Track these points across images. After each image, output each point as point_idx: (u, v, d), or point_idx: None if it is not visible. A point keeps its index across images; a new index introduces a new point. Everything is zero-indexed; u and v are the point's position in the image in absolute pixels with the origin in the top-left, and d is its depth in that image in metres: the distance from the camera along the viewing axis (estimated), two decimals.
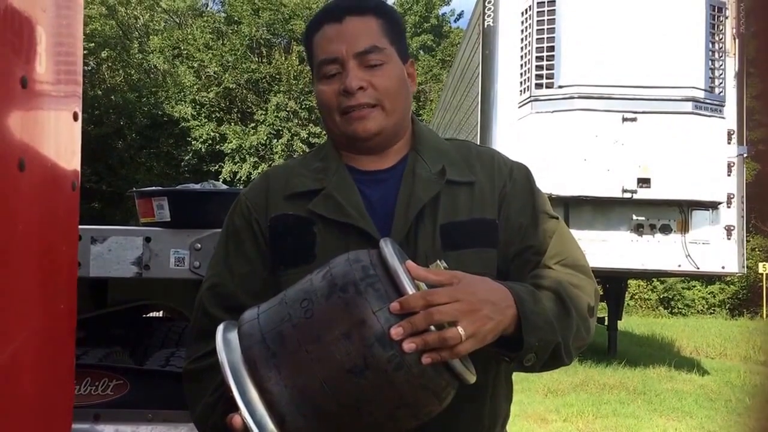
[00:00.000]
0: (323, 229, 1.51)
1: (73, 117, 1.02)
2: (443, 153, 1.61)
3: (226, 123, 26.90)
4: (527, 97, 9.16)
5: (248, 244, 1.58)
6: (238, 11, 27.34)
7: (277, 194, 1.58)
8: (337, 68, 1.54)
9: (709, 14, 8.99)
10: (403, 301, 1.20)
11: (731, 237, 9.13)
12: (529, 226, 1.56)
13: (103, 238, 2.26)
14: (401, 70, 1.59)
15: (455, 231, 1.52)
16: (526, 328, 1.31)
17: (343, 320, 1.21)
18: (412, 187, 1.53)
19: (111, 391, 2.28)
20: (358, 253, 1.30)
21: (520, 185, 1.60)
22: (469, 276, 1.30)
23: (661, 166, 8.75)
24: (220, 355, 1.24)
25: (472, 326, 1.23)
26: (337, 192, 1.53)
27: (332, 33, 1.55)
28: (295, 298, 1.28)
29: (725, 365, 11.81)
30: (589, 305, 1.49)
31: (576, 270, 1.52)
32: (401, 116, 1.59)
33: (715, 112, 8.98)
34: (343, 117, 1.54)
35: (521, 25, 9.40)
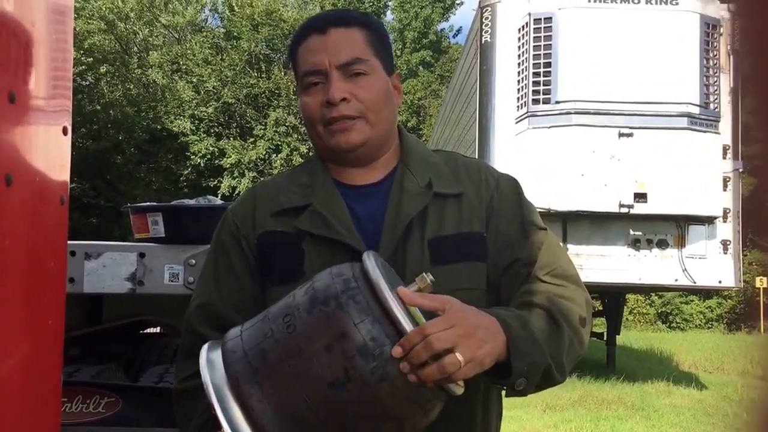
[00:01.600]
0: (311, 246, 1.50)
1: (63, 131, 1.02)
2: (431, 165, 1.59)
3: (225, 138, 26.94)
4: (524, 113, 9.19)
5: (237, 261, 1.56)
6: (237, 27, 27.45)
7: (264, 211, 1.57)
8: (320, 79, 1.53)
9: (703, 31, 9.04)
10: (404, 342, 1.19)
11: (728, 251, 9.13)
12: (518, 238, 1.55)
13: (97, 254, 2.25)
14: (386, 82, 1.58)
15: (443, 245, 1.50)
16: (515, 354, 1.30)
17: (325, 333, 1.20)
18: (400, 202, 1.52)
19: (103, 409, 2.26)
20: (341, 266, 1.29)
21: (508, 197, 1.60)
22: (458, 301, 1.29)
23: (657, 181, 8.76)
24: (203, 374, 1.23)
25: (470, 351, 1.22)
26: (324, 208, 1.52)
27: (316, 44, 1.54)
28: (278, 313, 1.27)
29: (723, 380, 11.79)
30: (581, 316, 1.48)
31: (566, 280, 1.51)
32: (386, 128, 1.58)
33: (710, 128, 9.01)
34: (326, 129, 1.53)
35: (518, 41, 9.43)
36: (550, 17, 9.12)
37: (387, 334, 1.20)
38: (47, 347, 0.94)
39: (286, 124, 26.31)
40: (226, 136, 27.10)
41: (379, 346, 1.19)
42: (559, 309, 1.44)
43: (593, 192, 8.73)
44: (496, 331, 1.29)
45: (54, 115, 1.00)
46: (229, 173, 26.44)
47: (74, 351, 2.78)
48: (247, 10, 27.57)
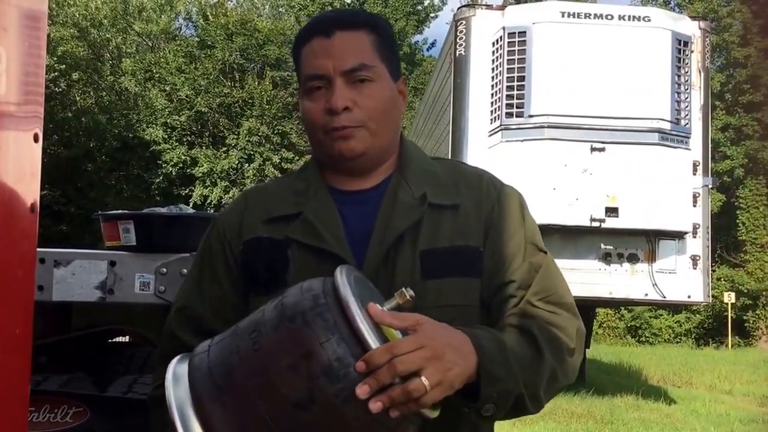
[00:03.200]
0: (298, 254, 1.46)
1: (34, 138, 1.01)
2: (429, 174, 1.54)
3: (197, 147, 26.79)
4: (498, 126, 9.23)
5: (220, 267, 1.53)
6: (211, 36, 27.33)
7: (254, 217, 1.53)
8: (323, 84, 1.48)
9: (675, 48, 9.16)
10: (367, 359, 1.13)
11: (697, 267, 9.21)
12: (515, 258, 1.48)
13: (66, 262, 2.23)
14: (391, 89, 1.53)
15: (436, 258, 1.44)
16: (485, 379, 1.24)
17: (290, 352, 1.15)
18: (391, 213, 1.47)
19: (70, 419, 2.23)
20: (313, 281, 1.23)
21: (510, 211, 1.53)
22: (432, 321, 1.23)
23: (628, 195, 8.83)
24: (167, 392, 1.20)
25: (438, 374, 1.17)
26: (315, 216, 1.48)
27: (320, 48, 1.49)
28: (246, 329, 1.23)
29: (691, 394, 11.87)
30: (569, 347, 1.42)
31: (560, 308, 1.46)
32: (388, 137, 1.54)
33: (681, 144, 9.11)
34: (327, 136, 1.49)
35: (492, 55, 9.49)
36: (524, 31, 9.18)
37: (354, 355, 1.14)
38: (15, 356, 0.92)
39: (259, 133, 26.22)
40: (198, 145, 26.95)
41: (345, 367, 1.13)
42: (546, 337, 1.38)
43: (565, 206, 8.78)
44: (467, 351, 1.24)
45: (25, 121, 0.99)
46: (201, 182, 26.29)
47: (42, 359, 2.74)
48: (222, 19, 27.49)
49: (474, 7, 10.09)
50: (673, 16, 9.97)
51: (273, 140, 26.53)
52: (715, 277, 26.18)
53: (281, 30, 27.84)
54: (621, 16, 9.17)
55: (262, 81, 26.77)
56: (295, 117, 27.05)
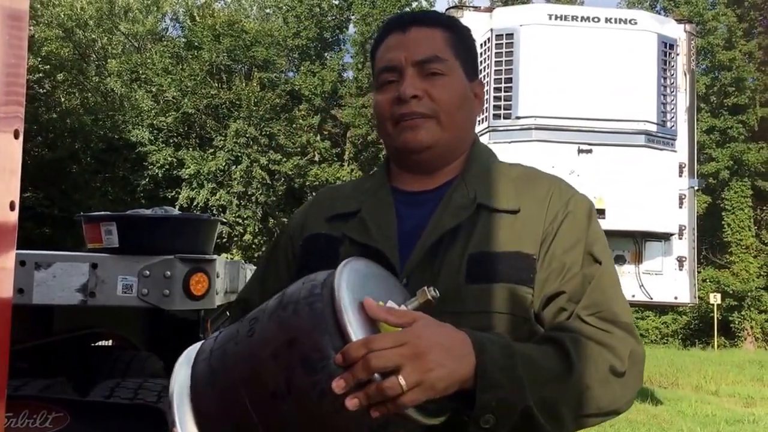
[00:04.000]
0: (348, 251, 1.42)
1: (14, 135, 0.98)
2: (490, 177, 1.48)
3: (184, 148, 26.68)
4: (485, 127, 9.23)
5: (282, 263, 1.57)
6: (198, 37, 27.25)
7: (318, 214, 1.55)
8: (394, 76, 1.46)
9: (661, 51, 9.20)
10: (344, 352, 1.06)
11: (683, 268, 9.25)
12: (573, 268, 1.37)
13: (47, 264, 2.20)
14: (464, 86, 1.50)
15: (484, 262, 1.36)
16: (482, 384, 1.13)
17: (275, 340, 1.12)
18: (443, 213, 1.42)
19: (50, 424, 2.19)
20: (318, 274, 1.19)
21: (575, 219, 1.44)
22: (429, 318, 1.14)
23: (615, 197, 8.85)
24: (173, 373, 1.22)
25: (416, 374, 1.07)
26: (370, 214, 1.46)
27: (395, 41, 1.48)
28: (250, 316, 1.23)
29: (677, 395, 11.91)
30: (615, 369, 1.27)
31: (614, 326, 1.32)
32: (459, 134, 1.49)
33: (667, 146, 9.15)
34: (396, 127, 1.46)
35: (480, 57, 9.48)
36: (511, 33, 9.20)
37: (335, 347, 1.08)
38: None
39: (246, 135, 26.14)
40: (185, 147, 26.84)
41: (324, 359, 1.08)
42: (582, 352, 1.25)
43: None
44: (462, 354, 1.13)
45: (5, 118, 0.97)
46: (187, 184, 26.18)
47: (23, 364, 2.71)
48: (209, 20, 27.41)
49: (462, 8, 10.10)
50: (659, 19, 10.01)
51: (260, 142, 26.46)
52: (701, 278, 26.30)
53: (269, 31, 27.80)
54: (608, 18, 9.20)
55: (250, 82, 26.70)
56: (282, 119, 27.01)
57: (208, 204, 25.57)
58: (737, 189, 29.05)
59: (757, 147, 29.29)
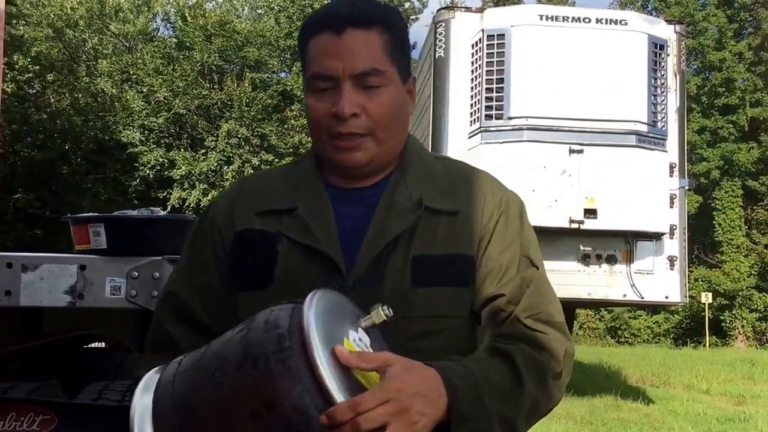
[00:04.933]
0: (287, 250, 1.42)
1: None
2: (429, 176, 1.50)
3: (175, 149, 26.60)
4: (477, 128, 9.25)
5: (209, 255, 1.50)
6: (189, 37, 27.17)
7: (247, 206, 1.50)
8: (330, 85, 1.42)
9: (651, 51, 9.24)
10: (330, 414, 1.08)
11: (674, 267, 9.27)
12: (509, 271, 1.44)
13: (34, 266, 2.18)
14: (401, 93, 1.48)
15: (427, 265, 1.40)
16: (455, 419, 1.20)
17: (251, 399, 1.09)
18: (387, 215, 1.43)
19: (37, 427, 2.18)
20: (281, 312, 1.16)
21: (508, 219, 1.49)
22: (400, 361, 1.17)
23: (606, 197, 8.88)
24: (131, 425, 1.16)
25: (404, 428, 1.12)
26: (309, 213, 1.44)
27: (330, 46, 1.42)
28: (210, 362, 1.17)
29: (669, 394, 11.94)
30: (555, 371, 1.37)
31: (549, 327, 1.41)
32: (395, 143, 1.49)
33: (657, 146, 9.18)
34: (332, 142, 1.44)
35: (472, 57, 9.51)
36: (503, 34, 9.21)
37: (317, 407, 1.08)
38: None
39: (238, 135, 26.09)
40: (176, 147, 26.76)
41: (307, 420, 1.08)
42: (529, 363, 1.33)
43: (544, 207, 8.80)
44: (437, 396, 1.19)
45: None
46: (179, 185, 26.10)
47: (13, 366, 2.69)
48: (200, 20, 27.33)
49: (453, 9, 10.10)
50: (650, 20, 10.05)
51: (252, 142, 26.42)
52: (693, 277, 26.41)
53: (260, 32, 27.74)
54: (598, 19, 9.23)
55: (241, 83, 26.63)
56: (274, 119, 26.97)
57: (200, 205, 25.51)
58: (728, 189, 29.18)
59: (748, 147, 29.44)
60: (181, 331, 1.43)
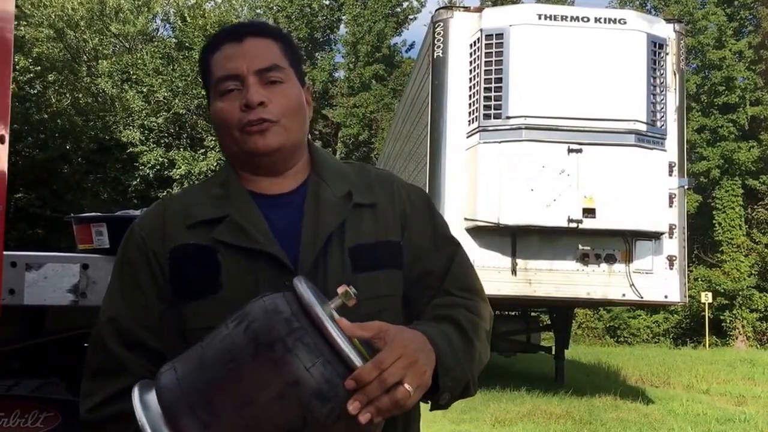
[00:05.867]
0: (228, 257, 1.46)
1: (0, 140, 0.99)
2: (345, 176, 1.61)
3: (174, 148, 26.64)
4: (476, 127, 9.26)
5: (143, 277, 1.50)
6: (189, 37, 27.21)
7: (176, 223, 1.52)
8: (236, 85, 1.52)
9: (650, 50, 9.24)
10: (357, 377, 1.19)
11: (674, 267, 9.29)
12: (430, 251, 1.59)
13: (38, 265, 2.20)
14: (300, 93, 1.59)
15: (363, 253, 1.52)
16: (442, 371, 1.34)
17: (276, 381, 1.17)
18: (317, 212, 1.52)
19: (41, 424, 2.20)
20: (274, 300, 1.25)
21: (419, 209, 1.64)
22: (391, 326, 1.30)
23: (605, 196, 8.89)
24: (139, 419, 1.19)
25: (417, 379, 1.25)
26: (242, 218, 1.49)
27: (232, 51, 1.54)
28: (218, 358, 1.22)
29: (668, 394, 11.95)
30: (486, 330, 1.55)
31: (474, 294, 1.58)
32: (299, 137, 1.58)
33: (657, 145, 9.18)
34: (243, 132, 1.51)
35: (470, 57, 9.52)
36: (501, 33, 9.23)
37: (339, 374, 1.19)
38: None
39: None
40: (176, 147, 26.80)
41: (334, 388, 1.18)
42: (471, 325, 1.49)
43: (542, 207, 8.82)
44: (429, 351, 1.32)
45: None
46: (178, 184, 26.13)
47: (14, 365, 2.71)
48: (200, 20, 27.38)
49: (452, 9, 10.13)
50: (649, 19, 10.05)
51: None
52: (692, 277, 26.41)
53: None
54: (597, 18, 9.24)
55: None
56: None
57: None
58: (728, 188, 29.15)
59: (748, 146, 29.41)
60: (127, 354, 1.44)
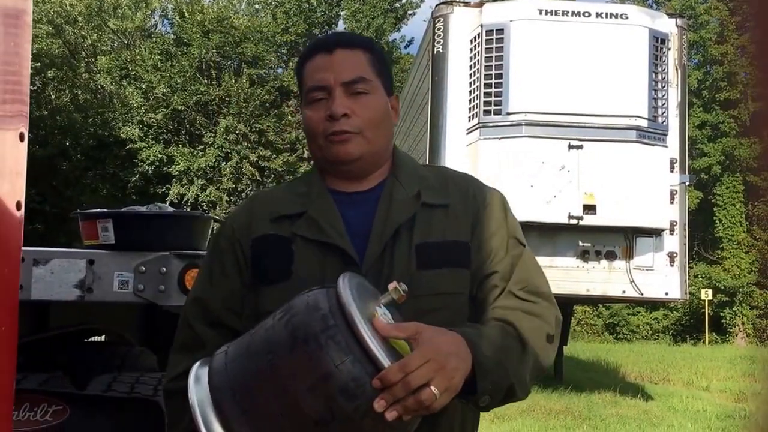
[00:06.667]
0: (302, 248, 1.59)
1: (20, 137, 1.00)
2: (420, 177, 1.68)
3: (173, 145, 26.58)
4: (476, 123, 9.26)
5: (230, 264, 1.65)
6: (187, 33, 27.12)
7: (262, 216, 1.65)
8: (324, 95, 1.62)
9: (652, 45, 9.23)
10: (383, 378, 1.25)
11: (674, 264, 9.29)
12: (499, 252, 1.63)
13: (45, 261, 2.21)
14: (385, 103, 1.67)
15: (430, 251, 1.58)
16: (480, 374, 1.37)
17: (308, 374, 1.26)
18: (389, 209, 1.61)
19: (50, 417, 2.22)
20: (317, 296, 1.33)
21: (492, 210, 1.67)
22: (428, 328, 1.35)
23: (606, 193, 8.89)
24: (197, 424, 1.29)
25: (445, 382, 1.30)
26: (318, 214, 1.61)
27: (322, 63, 1.64)
28: (260, 348, 1.33)
29: (668, 390, 11.97)
30: (549, 334, 1.56)
31: (539, 297, 1.60)
32: (382, 146, 1.67)
33: (658, 141, 9.18)
34: (327, 140, 1.62)
35: (470, 52, 9.51)
36: (502, 29, 9.22)
37: (368, 373, 1.25)
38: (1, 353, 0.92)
39: (236, 131, 26.07)
40: (175, 143, 26.73)
41: (361, 386, 1.25)
42: (527, 327, 1.52)
43: (543, 203, 8.83)
44: (465, 354, 1.36)
45: (10, 120, 0.99)
46: (177, 180, 26.09)
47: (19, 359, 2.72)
48: (198, 16, 27.28)
49: (452, 4, 10.09)
50: (651, 14, 10.04)
51: (250, 138, 26.39)
52: (693, 274, 26.41)
53: (258, 27, 27.70)
54: (598, 13, 9.23)
55: (239, 79, 26.60)
56: (272, 115, 26.95)
57: (198, 200, 25.51)
58: (729, 184, 29.15)
59: (749, 142, 29.37)
60: (209, 332, 1.59)
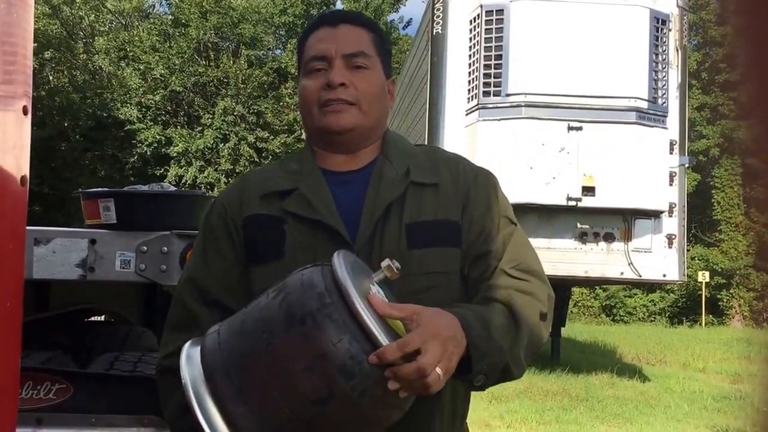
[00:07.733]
0: (293, 227, 1.59)
1: (23, 111, 1.00)
2: (410, 156, 1.69)
3: (172, 126, 26.53)
4: (475, 105, 9.24)
5: (224, 242, 1.65)
6: (185, 14, 26.98)
7: (252, 195, 1.65)
8: (323, 65, 1.64)
9: (653, 26, 9.19)
10: (380, 355, 1.25)
11: (672, 246, 9.30)
12: (490, 231, 1.63)
13: (47, 240, 2.22)
14: (383, 81, 1.70)
15: (420, 230, 1.58)
16: (475, 355, 1.39)
17: (305, 353, 1.25)
18: (378, 188, 1.61)
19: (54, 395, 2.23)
20: (312, 274, 1.31)
21: (484, 190, 1.68)
22: (427, 309, 1.36)
23: (605, 174, 8.88)
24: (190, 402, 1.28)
25: (445, 365, 1.31)
26: (309, 192, 1.61)
27: (325, 34, 1.67)
28: (255, 327, 1.31)
29: (665, 372, 12.03)
30: (542, 312, 1.57)
31: (531, 275, 1.60)
32: (376, 121, 1.68)
33: (658, 123, 9.17)
34: (321, 109, 1.63)
35: (470, 33, 9.48)
36: (501, 9, 9.18)
37: (365, 351, 1.25)
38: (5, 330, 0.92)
39: (234, 113, 25.99)
40: (173, 125, 26.67)
41: (358, 364, 1.24)
42: (521, 305, 1.52)
43: (542, 185, 8.83)
44: (460, 336, 1.37)
45: (14, 96, 0.98)
46: (176, 162, 26.04)
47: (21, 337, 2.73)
48: None
49: None
50: None
51: (248, 120, 26.33)
52: (690, 256, 26.43)
53: (256, 8, 27.55)
54: None
55: (237, 60, 26.50)
56: (270, 96, 26.88)
57: (197, 181, 25.47)
58: (727, 167, 29.14)
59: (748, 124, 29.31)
60: (203, 311, 1.59)
